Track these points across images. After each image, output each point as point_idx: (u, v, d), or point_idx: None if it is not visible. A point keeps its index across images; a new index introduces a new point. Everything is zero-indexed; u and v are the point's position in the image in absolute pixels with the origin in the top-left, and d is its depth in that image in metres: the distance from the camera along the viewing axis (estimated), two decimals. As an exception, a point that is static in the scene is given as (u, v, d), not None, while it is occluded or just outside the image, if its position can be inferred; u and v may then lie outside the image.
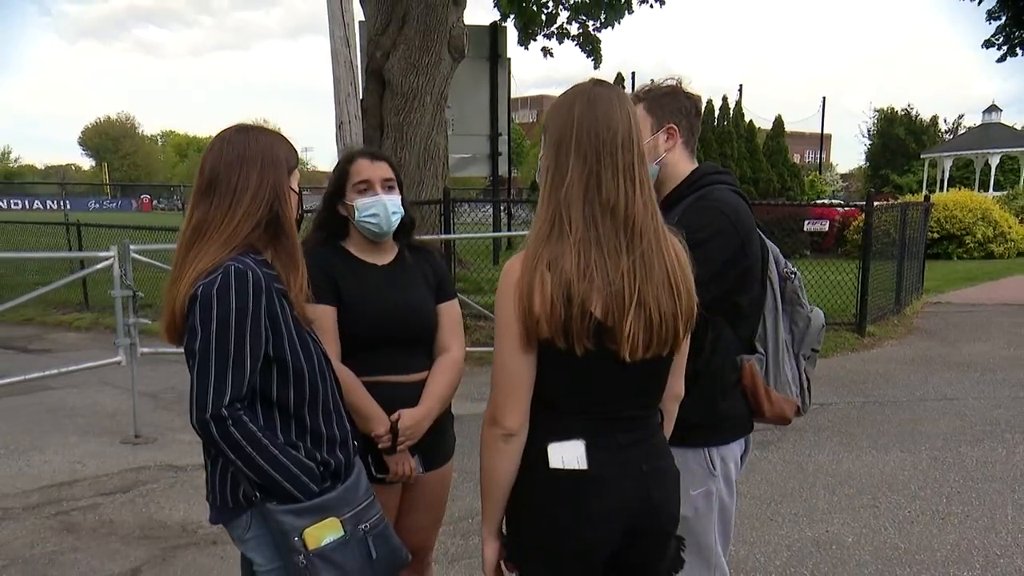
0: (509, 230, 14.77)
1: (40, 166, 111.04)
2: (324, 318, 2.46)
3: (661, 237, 1.82)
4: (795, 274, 2.59)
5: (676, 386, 2.06)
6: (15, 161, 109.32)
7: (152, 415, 6.77)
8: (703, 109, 2.58)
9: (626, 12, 12.16)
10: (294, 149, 2.20)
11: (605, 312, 1.73)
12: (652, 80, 2.52)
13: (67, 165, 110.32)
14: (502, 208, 14.89)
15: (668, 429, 2.10)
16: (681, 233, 1.90)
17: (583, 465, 1.86)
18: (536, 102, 63.23)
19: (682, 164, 2.46)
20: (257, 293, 1.94)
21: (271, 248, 2.08)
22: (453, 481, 2.91)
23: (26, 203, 57.92)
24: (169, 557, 4.35)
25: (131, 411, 6.50)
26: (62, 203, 51.25)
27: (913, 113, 47.93)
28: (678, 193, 2.43)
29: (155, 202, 63.59)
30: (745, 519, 4.61)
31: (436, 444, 2.72)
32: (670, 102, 2.43)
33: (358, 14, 6.37)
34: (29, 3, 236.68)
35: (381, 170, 2.62)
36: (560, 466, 1.86)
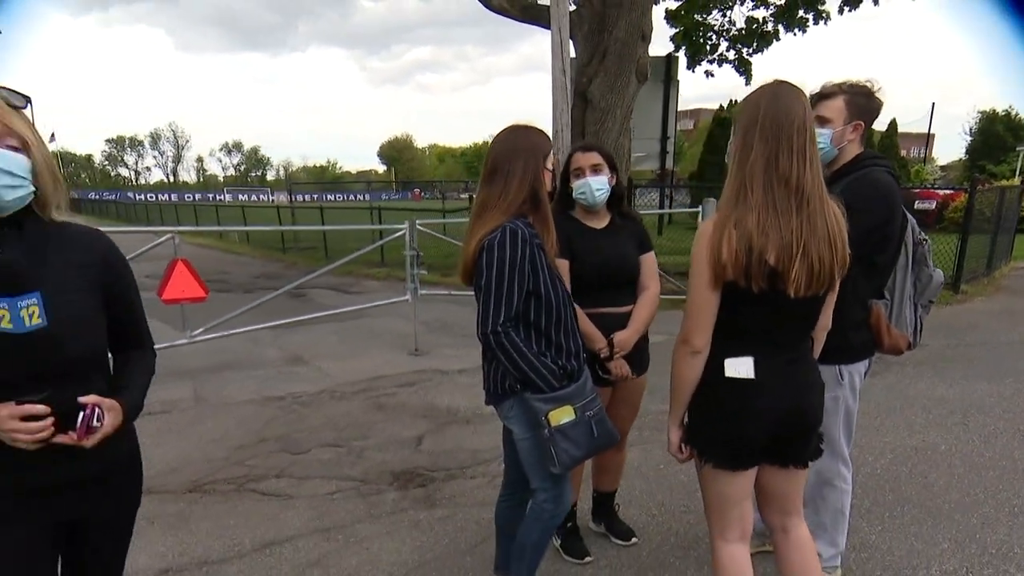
0: (670, 208, 14.78)
1: (353, 171, 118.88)
2: (560, 268, 2.49)
3: (824, 202, 1.76)
4: (926, 241, 2.48)
5: (826, 319, 1.99)
6: (339, 168, 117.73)
7: (426, 336, 7.11)
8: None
9: (774, 40, 11.45)
10: (549, 139, 2.21)
11: (777, 260, 1.70)
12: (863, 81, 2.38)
13: (370, 170, 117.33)
14: (666, 192, 14.79)
15: (817, 352, 2.04)
16: (841, 201, 1.83)
17: (751, 375, 1.85)
18: (694, 114, 60.50)
19: (854, 149, 2.37)
20: (524, 245, 2.02)
21: (532, 214, 2.13)
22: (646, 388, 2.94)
23: (344, 196, 62.24)
24: (441, 429, 4.62)
25: (413, 333, 6.85)
26: (366, 196, 54.82)
27: (1013, 113, 41.96)
28: (846, 170, 2.35)
29: (423, 194, 66.34)
30: (856, 430, 4.36)
31: (638, 358, 2.73)
32: (866, 103, 2.33)
33: (570, 52, 6.37)
34: (352, 64, 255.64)
35: (591, 158, 2.60)
36: (734, 375, 1.86)
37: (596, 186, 2.60)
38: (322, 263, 11.55)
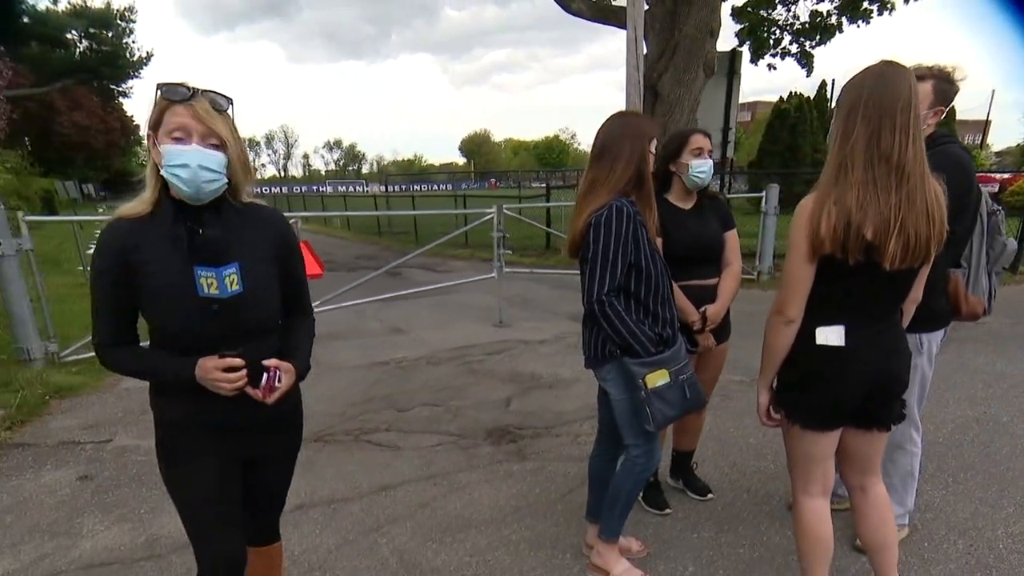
0: (729, 193, 14.34)
1: (437, 164, 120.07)
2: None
3: (925, 179, 1.66)
4: (999, 211, 2.35)
5: (917, 291, 1.90)
6: (424, 161, 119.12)
7: (509, 310, 7.15)
8: None
9: (837, 32, 10.66)
10: (655, 124, 2.15)
11: (875, 235, 1.63)
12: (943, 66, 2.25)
13: (451, 162, 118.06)
14: (726, 180, 14.39)
15: (905, 322, 1.96)
16: (942, 178, 1.72)
17: (841, 343, 1.78)
18: (751, 106, 57.81)
19: (927, 131, 2.24)
20: (628, 222, 2.00)
21: (636, 193, 2.10)
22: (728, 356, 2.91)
23: (430, 186, 62.85)
24: (525, 392, 4.66)
25: (497, 307, 6.93)
26: (449, 185, 55.37)
27: (1078, 97, 38.11)
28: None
29: (498, 183, 66.18)
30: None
31: (722, 328, 2.71)
32: (948, 89, 2.21)
33: (643, 48, 6.23)
34: (437, 67, 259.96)
35: (709, 142, 2.57)
36: (824, 343, 1.80)
37: (711, 166, 2.58)
38: (413, 246, 11.81)
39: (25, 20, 31.02)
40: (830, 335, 1.80)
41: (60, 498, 3.19)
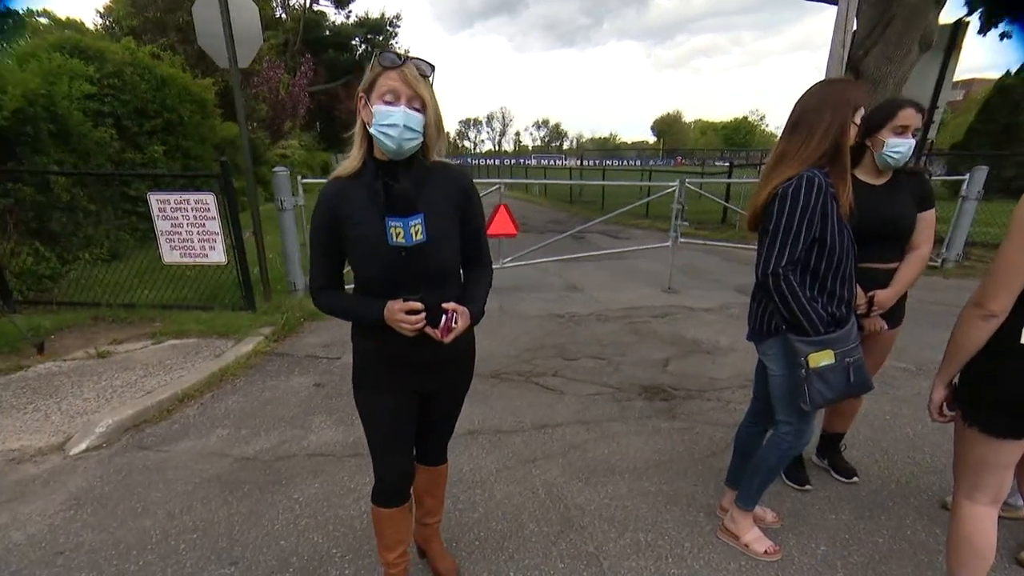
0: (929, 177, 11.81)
1: (629, 141, 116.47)
2: None
3: None
4: None
5: None
6: (618, 139, 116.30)
7: (678, 277, 6.72)
8: None
9: None
10: (864, 92, 1.75)
11: None
12: None
13: (643, 140, 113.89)
14: (923, 162, 11.88)
15: None
16: None
17: None
18: (965, 84, 46.50)
19: None
20: (818, 194, 1.67)
21: (831, 166, 1.74)
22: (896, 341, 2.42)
23: (620, 162, 61.25)
24: (685, 356, 4.35)
25: (668, 274, 6.54)
26: (637, 161, 53.52)
27: None
28: None
29: (684, 160, 62.29)
30: None
31: (893, 311, 2.25)
32: None
33: (852, 25, 5.22)
34: (641, 52, 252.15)
35: (919, 120, 2.07)
36: None
37: (911, 147, 2.08)
38: (598, 214, 11.57)
39: (327, 33, 35.67)
40: None
41: (300, 398, 3.65)
